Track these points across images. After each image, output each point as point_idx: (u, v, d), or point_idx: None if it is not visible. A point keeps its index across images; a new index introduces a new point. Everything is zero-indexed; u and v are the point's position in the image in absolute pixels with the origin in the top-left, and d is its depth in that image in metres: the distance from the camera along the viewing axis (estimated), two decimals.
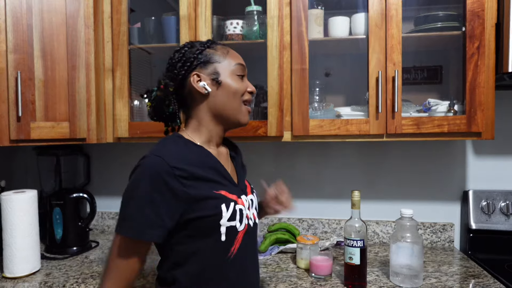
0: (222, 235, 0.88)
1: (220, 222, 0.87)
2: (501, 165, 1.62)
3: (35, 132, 1.31)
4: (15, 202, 1.31)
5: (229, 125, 1.00)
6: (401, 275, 1.21)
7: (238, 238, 0.91)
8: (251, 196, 1.02)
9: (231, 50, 1.00)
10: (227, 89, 0.95)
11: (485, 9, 1.28)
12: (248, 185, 1.06)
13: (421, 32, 1.38)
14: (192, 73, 0.95)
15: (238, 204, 0.92)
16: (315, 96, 1.54)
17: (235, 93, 0.96)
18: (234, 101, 0.96)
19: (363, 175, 1.70)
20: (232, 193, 0.93)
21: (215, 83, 0.94)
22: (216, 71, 0.95)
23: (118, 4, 1.47)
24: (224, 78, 0.95)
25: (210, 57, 0.96)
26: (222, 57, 0.96)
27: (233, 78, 0.96)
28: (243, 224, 0.93)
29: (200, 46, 0.97)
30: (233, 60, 0.97)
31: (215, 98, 0.95)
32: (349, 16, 1.42)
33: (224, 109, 0.96)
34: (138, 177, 0.84)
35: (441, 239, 1.63)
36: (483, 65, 1.28)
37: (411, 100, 1.53)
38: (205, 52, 0.96)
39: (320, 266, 1.27)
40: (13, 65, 1.27)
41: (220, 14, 1.51)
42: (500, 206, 1.54)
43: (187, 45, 0.99)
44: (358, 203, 1.21)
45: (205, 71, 0.95)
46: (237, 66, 0.97)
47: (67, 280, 1.28)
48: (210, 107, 0.96)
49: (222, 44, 1.00)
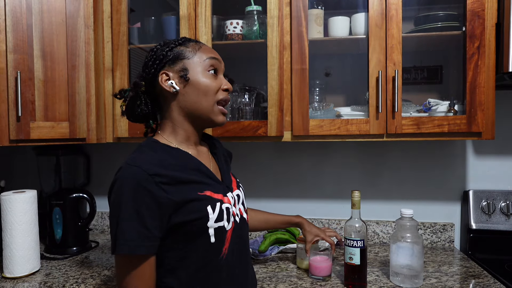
0: (211, 237, 0.86)
1: (208, 225, 0.85)
2: (501, 165, 1.62)
3: (35, 132, 1.31)
4: (15, 202, 1.31)
5: (204, 124, 0.95)
6: (401, 275, 1.21)
7: (227, 237, 0.90)
8: (237, 192, 0.99)
9: (205, 46, 0.94)
10: (196, 86, 0.89)
11: (486, 9, 1.28)
12: (233, 179, 1.03)
13: (421, 32, 1.38)
14: (160, 72, 0.90)
15: (224, 203, 0.90)
16: (315, 96, 1.54)
17: (206, 91, 0.89)
18: (206, 99, 0.90)
19: (363, 175, 1.70)
20: (217, 192, 0.90)
21: (183, 80, 0.89)
22: (184, 68, 0.90)
23: (118, 4, 1.47)
24: (193, 75, 0.89)
25: (179, 54, 0.90)
26: (192, 53, 0.91)
27: (204, 75, 0.90)
28: (231, 222, 0.91)
29: (172, 44, 0.92)
30: (204, 54, 0.91)
31: (185, 97, 0.90)
32: (349, 16, 1.42)
33: (196, 109, 0.91)
34: (118, 192, 0.80)
35: (441, 239, 1.63)
36: (483, 65, 1.28)
37: (411, 100, 1.53)
38: (175, 49, 0.91)
39: (319, 267, 1.27)
40: (13, 65, 1.27)
41: (220, 14, 1.51)
42: (501, 206, 1.54)
43: (160, 44, 0.95)
44: (358, 203, 1.20)
45: (173, 69, 0.90)
46: (208, 61, 0.91)
47: (67, 280, 1.28)
48: (181, 106, 0.91)
49: (195, 41, 0.95)
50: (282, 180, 1.75)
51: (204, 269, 0.86)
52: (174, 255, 0.85)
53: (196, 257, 0.86)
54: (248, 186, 1.71)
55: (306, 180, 1.74)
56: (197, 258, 0.86)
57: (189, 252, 0.85)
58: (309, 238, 1.27)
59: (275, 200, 1.75)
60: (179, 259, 0.85)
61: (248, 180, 1.77)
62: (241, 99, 1.51)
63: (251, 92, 1.52)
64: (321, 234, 1.28)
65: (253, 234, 1.77)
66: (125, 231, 0.79)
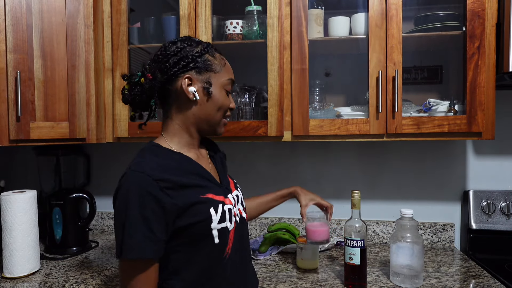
0: (215, 238, 0.87)
1: (211, 226, 0.87)
2: (501, 165, 1.62)
3: (35, 132, 1.31)
4: (15, 202, 1.31)
5: (208, 133, 0.98)
6: (401, 275, 1.21)
7: (230, 237, 0.91)
8: (236, 192, 1.01)
9: (227, 63, 0.98)
10: (215, 102, 0.93)
11: (486, 9, 1.28)
12: (231, 180, 1.04)
13: (421, 32, 1.38)
14: (185, 74, 0.90)
15: (226, 204, 0.92)
16: (315, 96, 1.54)
17: (220, 108, 0.94)
18: (217, 114, 0.95)
19: (363, 175, 1.70)
20: (218, 194, 0.92)
21: (206, 92, 0.92)
22: (209, 81, 0.92)
23: (118, 4, 1.47)
24: (214, 90, 0.93)
25: (207, 64, 0.92)
26: (219, 68, 0.94)
27: (222, 93, 0.95)
28: (233, 222, 0.93)
29: (201, 49, 0.93)
30: (227, 74, 0.96)
31: (201, 107, 0.93)
32: (349, 16, 1.42)
33: (208, 120, 0.95)
34: (124, 198, 0.81)
35: (441, 239, 1.63)
36: (483, 65, 1.28)
37: (411, 100, 1.53)
38: (204, 56, 0.93)
39: (317, 232, 1.24)
40: (12, 65, 1.27)
41: (220, 14, 1.51)
42: (501, 206, 1.54)
43: (186, 41, 0.94)
44: (358, 203, 1.20)
45: (199, 77, 0.91)
46: (228, 81, 0.96)
47: (67, 280, 1.28)
48: (194, 113, 0.93)
49: (220, 53, 0.98)
50: (282, 180, 1.75)
51: (209, 269, 0.87)
52: (178, 257, 0.86)
53: (200, 258, 0.86)
54: (248, 186, 1.71)
55: (306, 180, 1.74)
56: (201, 259, 0.86)
57: (193, 253, 0.86)
58: (304, 202, 1.24)
59: None
60: (184, 261, 0.86)
61: (248, 180, 1.77)
62: (241, 99, 1.51)
63: (251, 92, 1.51)
64: (317, 198, 1.26)
65: (253, 234, 1.77)
66: (132, 235, 0.79)
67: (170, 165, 0.86)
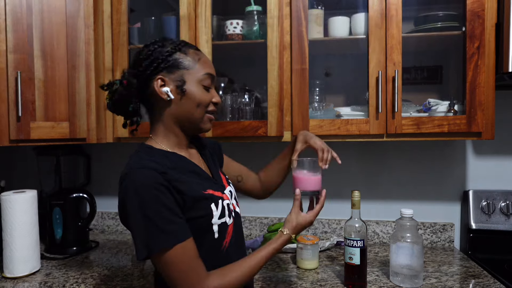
0: (215, 233, 0.90)
1: (212, 221, 0.89)
2: (501, 165, 1.62)
3: (35, 132, 1.31)
4: (15, 202, 1.31)
5: (193, 131, 0.97)
6: (401, 275, 1.21)
7: (229, 231, 0.94)
8: (229, 188, 1.02)
9: (204, 57, 0.95)
10: (191, 99, 0.91)
11: (485, 9, 1.28)
12: (223, 176, 1.05)
13: (421, 32, 1.38)
14: (157, 76, 0.90)
15: (225, 199, 0.95)
16: (315, 96, 1.54)
17: (198, 105, 0.92)
18: (197, 111, 0.93)
19: (363, 175, 1.70)
20: (217, 190, 0.94)
21: (179, 91, 0.91)
22: (182, 79, 0.91)
23: (118, 4, 1.47)
24: (189, 87, 0.91)
25: (178, 62, 0.91)
26: (192, 64, 0.92)
27: (199, 89, 0.92)
28: (232, 217, 0.96)
29: (171, 48, 0.92)
30: (202, 69, 0.92)
31: (177, 106, 0.92)
32: (349, 16, 1.42)
33: (187, 118, 0.93)
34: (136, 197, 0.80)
35: (441, 239, 1.63)
36: (483, 65, 1.28)
37: (411, 100, 1.53)
38: (175, 55, 0.91)
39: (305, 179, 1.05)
40: (13, 65, 1.27)
41: (220, 14, 1.51)
42: (500, 206, 1.54)
43: (157, 43, 0.93)
44: (358, 203, 1.21)
45: (171, 76, 0.90)
46: (205, 76, 0.93)
47: (67, 280, 1.28)
48: (172, 113, 0.93)
49: (195, 48, 0.96)
50: None
51: (206, 262, 0.87)
52: None
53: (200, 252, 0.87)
54: None
55: None
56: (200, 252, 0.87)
57: None
58: (297, 146, 1.11)
59: (275, 200, 1.75)
60: None
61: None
62: (241, 99, 1.51)
63: (251, 92, 1.52)
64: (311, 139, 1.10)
65: (253, 234, 1.77)
66: (162, 225, 0.80)
67: (168, 164, 0.87)
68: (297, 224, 0.98)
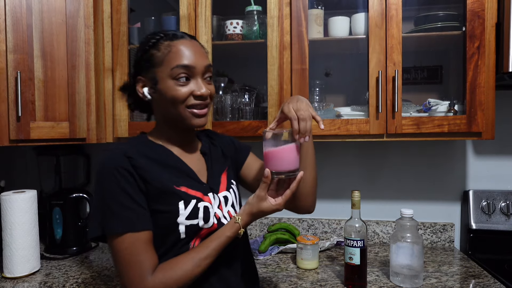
0: (181, 234, 0.85)
1: (178, 220, 0.84)
2: (501, 165, 1.62)
3: (35, 132, 1.31)
4: (15, 202, 1.31)
5: (182, 127, 0.93)
6: (401, 275, 1.21)
7: (200, 234, 0.87)
8: (225, 193, 0.96)
9: (175, 48, 0.87)
10: (164, 96, 0.88)
11: (486, 9, 1.28)
12: (224, 181, 0.98)
13: (421, 32, 1.38)
14: (138, 77, 0.92)
15: (203, 201, 0.89)
16: (315, 96, 1.54)
17: (172, 101, 0.87)
18: (175, 108, 0.88)
19: (363, 175, 1.70)
20: (195, 189, 0.89)
21: (154, 90, 0.90)
22: (155, 77, 0.88)
23: (118, 4, 1.47)
24: (161, 84, 0.88)
25: (151, 60, 0.89)
26: (161, 59, 0.87)
27: (170, 84, 0.86)
28: (211, 222, 0.88)
29: (148, 46, 0.90)
30: (172, 62, 0.86)
31: (157, 106, 0.92)
32: (349, 16, 1.42)
33: (169, 116, 0.91)
34: (101, 175, 0.83)
35: (441, 239, 1.63)
36: (483, 65, 1.28)
37: (411, 100, 1.53)
38: (148, 53, 0.89)
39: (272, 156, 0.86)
40: (13, 65, 1.27)
41: (220, 14, 1.51)
42: (501, 206, 1.54)
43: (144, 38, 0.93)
44: (358, 203, 1.20)
45: (147, 76, 0.90)
46: (176, 70, 0.86)
47: (67, 280, 1.28)
48: (158, 112, 0.94)
49: (172, 38, 0.88)
50: None
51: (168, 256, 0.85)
52: None
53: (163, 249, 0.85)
54: None
55: None
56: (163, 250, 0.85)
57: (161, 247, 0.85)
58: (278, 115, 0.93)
59: None
60: None
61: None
62: (241, 99, 1.51)
63: (251, 92, 1.52)
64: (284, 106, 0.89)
65: (253, 234, 1.77)
66: (117, 210, 0.80)
67: (148, 153, 0.88)
68: (258, 211, 0.87)
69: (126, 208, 0.80)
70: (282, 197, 0.87)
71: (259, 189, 0.87)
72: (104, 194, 0.81)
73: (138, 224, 0.80)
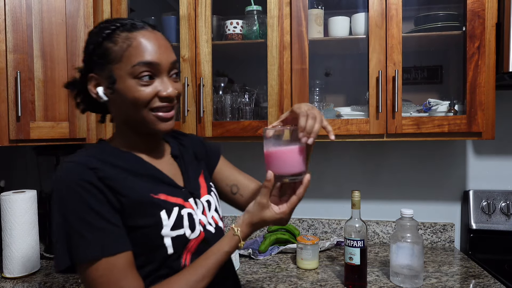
0: (167, 248, 0.73)
1: (162, 233, 0.73)
2: (501, 165, 1.62)
3: (35, 132, 1.31)
4: (15, 202, 1.31)
5: (146, 132, 0.80)
6: (401, 275, 1.21)
7: (188, 247, 0.77)
8: (207, 197, 0.86)
9: (135, 42, 0.73)
10: (124, 98, 0.74)
11: (486, 9, 1.28)
12: (203, 184, 0.89)
13: (421, 32, 1.38)
14: (89, 74, 0.77)
15: (185, 207, 0.78)
16: (315, 96, 1.54)
17: (134, 103, 0.74)
18: (136, 111, 0.75)
19: (363, 175, 1.70)
20: (174, 195, 0.78)
21: (111, 91, 0.75)
22: (111, 75, 0.74)
23: (118, 4, 1.47)
24: (119, 85, 0.74)
25: (106, 55, 0.74)
26: (119, 55, 0.73)
27: (131, 84, 0.73)
28: (197, 231, 0.79)
29: (101, 37, 0.75)
30: (132, 59, 0.73)
31: (115, 108, 0.78)
32: (349, 16, 1.42)
33: (130, 120, 0.77)
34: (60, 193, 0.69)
35: (441, 239, 1.63)
36: (483, 65, 1.28)
37: (411, 100, 1.53)
38: (103, 46, 0.74)
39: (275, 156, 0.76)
40: (12, 65, 1.27)
41: (220, 14, 1.51)
42: (501, 206, 1.53)
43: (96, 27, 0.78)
44: (358, 203, 1.20)
45: (102, 74, 0.76)
46: (137, 68, 0.73)
47: (67, 280, 1.28)
48: (116, 115, 0.81)
49: (129, 30, 0.74)
50: None
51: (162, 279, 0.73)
52: None
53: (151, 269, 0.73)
54: None
55: None
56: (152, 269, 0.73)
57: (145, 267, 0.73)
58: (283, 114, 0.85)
59: None
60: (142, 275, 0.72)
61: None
62: (241, 99, 1.51)
63: (251, 92, 1.51)
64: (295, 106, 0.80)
65: (253, 234, 1.76)
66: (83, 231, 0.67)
67: (114, 162, 0.74)
68: (260, 221, 0.77)
69: (96, 229, 0.67)
70: (287, 204, 0.78)
71: (261, 195, 0.76)
72: (68, 215, 0.68)
73: (113, 246, 0.68)
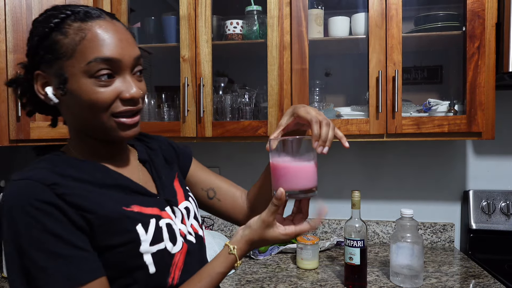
0: (149, 266, 0.63)
1: (140, 250, 0.63)
2: (501, 165, 1.62)
3: (35, 132, 1.31)
4: None
5: (107, 139, 0.68)
6: (401, 275, 1.21)
7: (175, 262, 0.68)
8: (185, 204, 0.77)
9: (90, 33, 0.61)
10: (78, 100, 0.62)
11: (486, 9, 1.28)
12: (180, 189, 0.79)
13: (421, 32, 1.38)
14: (35, 72, 0.65)
15: (163, 218, 0.69)
16: (315, 96, 1.54)
17: (91, 107, 0.62)
18: (94, 116, 0.63)
19: (363, 175, 1.70)
20: (149, 205, 0.68)
21: (61, 91, 0.63)
22: (61, 73, 0.62)
23: (118, 4, 1.47)
24: (73, 85, 0.62)
25: (55, 49, 0.62)
26: (70, 49, 0.61)
27: (86, 84, 0.61)
28: (179, 243, 0.70)
29: (49, 28, 0.62)
30: (87, 54, 0.61)
31: (68, 111, 0.66)
32: (349, 16, 1.42)
33: (85, 126, 0.66)
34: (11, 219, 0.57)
35: (441, 239, 1.63)
36: (483, 65, 1.28)
37: (411, 100, 1.53)
38: (51, 38, 0.62)
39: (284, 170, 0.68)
40: (12, 65, 1.27)
41: (220, 14, 1.51)
42: (501, 206, 1.53)
43: (43, 15, 0.65)
44: (358, 203, 1.20)
45: (51, 71, 0.63)
46: (93, 65, 0.61)
47: None
48: (69, 120, 0.69)
49: (82, 19, 0.62)
50: None
51: None
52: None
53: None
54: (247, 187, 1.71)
55: None
56: None
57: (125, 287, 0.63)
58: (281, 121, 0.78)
59: None
60: None
61: (247, 181, 1.76)
62: (241, 99, 1.51)
63: (251, 92, 1.52)
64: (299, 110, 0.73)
65: None
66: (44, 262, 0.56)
67: (74, 174, 0.63)
68: (261, 239, 0.68)
69: (59, 257, 0.56)
70: (296, 228, 0.69)
71: (267, 212, 0.67)
72: (23, 245, 0.56)
73: (82, 275, 0.57)
